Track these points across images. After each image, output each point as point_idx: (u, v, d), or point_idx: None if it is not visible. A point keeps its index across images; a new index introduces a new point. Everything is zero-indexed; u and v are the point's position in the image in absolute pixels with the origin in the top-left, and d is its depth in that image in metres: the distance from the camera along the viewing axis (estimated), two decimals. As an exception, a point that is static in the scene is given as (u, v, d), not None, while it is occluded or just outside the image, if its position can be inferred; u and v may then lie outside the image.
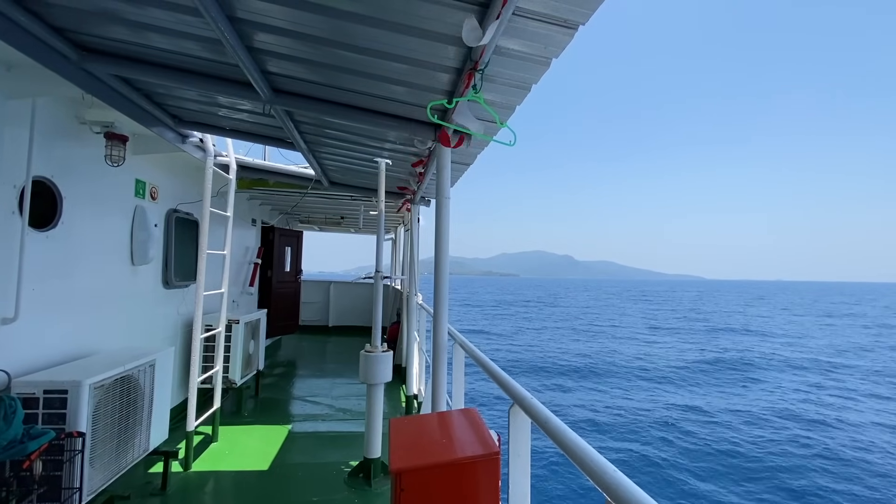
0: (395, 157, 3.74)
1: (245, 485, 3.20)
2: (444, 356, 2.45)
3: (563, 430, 1.17)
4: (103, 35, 2.15)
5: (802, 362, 21.90)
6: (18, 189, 2.39)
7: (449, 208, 2.48)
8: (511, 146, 2.26)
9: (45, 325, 2.64)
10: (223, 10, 1.79)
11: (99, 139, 3.00)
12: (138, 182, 3.60)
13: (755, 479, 9.09)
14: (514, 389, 1.58)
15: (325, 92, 2.59)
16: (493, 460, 1.57)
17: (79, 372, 2.42)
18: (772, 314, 52.65)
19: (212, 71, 2.46)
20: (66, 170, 2.78)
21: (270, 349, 7.86)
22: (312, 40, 2.00)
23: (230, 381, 4.54)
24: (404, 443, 1.72)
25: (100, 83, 2.54)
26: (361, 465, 3.37)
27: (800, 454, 10.31)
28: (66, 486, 2.19)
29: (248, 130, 3.62)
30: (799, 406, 14.17)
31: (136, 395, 2.78)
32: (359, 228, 9.57)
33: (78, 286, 2.92)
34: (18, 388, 2.25)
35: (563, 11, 1.52)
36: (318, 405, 5.11)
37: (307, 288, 9.84)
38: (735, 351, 24.59)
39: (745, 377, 18.45)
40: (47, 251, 2.65)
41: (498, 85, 2.07)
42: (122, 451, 2.63)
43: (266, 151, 5.17)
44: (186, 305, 4.48)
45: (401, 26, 1.78)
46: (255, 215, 7.05)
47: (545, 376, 18.09)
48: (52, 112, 2.65)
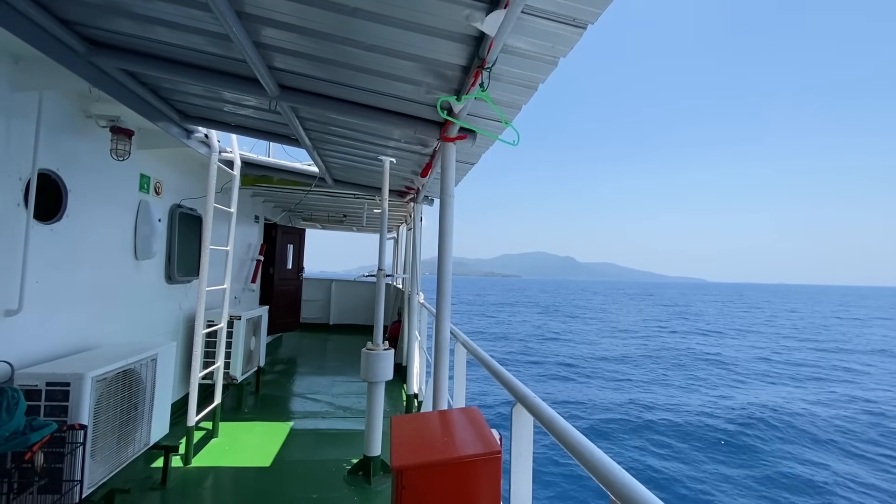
0: (399, 155, 3.74)
1: (245, 481, 3.20)
2: (446, 355, 2.44)
3: (568, 429, 1.17)
4: (111, 28, 2.16)
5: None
6: (24, 181, 2.40)
7: (453, 206, 2.48)
8: (515, 146, 2.25)
9: (49, 317, 2.64)
10: (231, 5, 1.79)
11: (104, 133, 3.00)
12: (143, 177, 3.60)
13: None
14: (517, 388, 1.58)
15: (331, 89, 2.59)
16: (495, 459, 1.57)
17: (81, 365, 2.43)
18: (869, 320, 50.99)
19: (218, 66, 2.46)
20: (71, 163, 2.78)
21: (271, 346, 7.86)
22: (320, 36, 1.99)
23: (231, 377, 4.54)
24: (406, 440, 1.72)
25: (106, 77, 2.55)
26: (361, 463, 3.37)
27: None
28: (66, 478, 2.19)
29: (253, 127, 3.63)
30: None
31: (138, 389, 2.79)
32: (361, 227, 9.57)
33: (81, 279, 2.92)
34: (21, 380, 2.25)
35: (572, 10, 1.51)
36: (318, 403, 5.11)
37: (308, 285, 9.84)
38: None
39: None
40: (52, 244, 2.65)
41: (505, 83, 2.07)
42: (122, 445, 2.64)
43: (270, 148, 5.18)
44: (189, 301, 4.49)
45: (408, 23, 1.77)
46: (259, 212, 7.06)
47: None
48: (58, 105, 2.66)
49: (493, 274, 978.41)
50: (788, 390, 16.48)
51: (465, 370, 2.66)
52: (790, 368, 20.92)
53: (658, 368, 19.97)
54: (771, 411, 13.29)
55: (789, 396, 15.40)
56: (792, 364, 22.03)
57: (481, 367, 2.10)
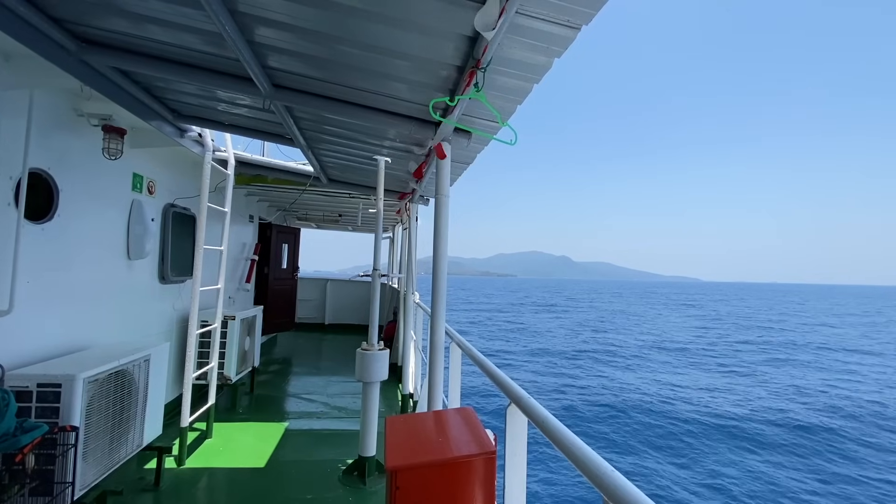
0: (394, 154, 3.73)
1: (239, 482, 3.19)
2: (441, 355, 2.44)
3: (561, 430, 1.17)
4: (103, 27, 2.14)
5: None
6: (14, 181, 2.37)
7: (448, 207, 2.47)
8: (512, 145, 2.25)
9: (40, 318, 2.62)
10: (224, 4, 1.78)
11: (97, 132, 2.97)
12: (136, 176, 3.57)
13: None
14: (511, 389, 1.58)
15: (325, 88, 2.58)
16: (489, 459, 1.57)
17: (73, 366, 2.41)
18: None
19: (212, 65, 2.45)
20: (63, 162, 2.76)
21: (266, 346, 7.83)
22: (314, 35, 1.99)
23: (225, 377, 4.52)
24: (400, 441, 1.71)
25: (98, 75, 2.52)
26: (356, 464, 3.36)
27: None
28: (58, 480, 2.17)
29: (247, 126, 3.60)
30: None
31: (131, 390, 2.76)
32: (356, 226, 9.55)
33: (73, 279, 2.90)
34: (12, 381, 2.23)
35: (566, 11, 1.51)
36: (313, 403, 5.10)
37: (304, 285, 9.81)
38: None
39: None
40: (43, 244, 2.63)
41: (500, 83, 2.07)
42: (115, 446, 2.61)
43: (265, 147, 5.16)
44: (182, 301, 4.46)
45: (402, 22, 1.77)
46: (253, 211, 7.03)
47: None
48: (49, 103, 2.63)
49: (488, 273, 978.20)
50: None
51: (460, 370, 2.66)
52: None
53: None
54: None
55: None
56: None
57: (474, 366, 2.11)
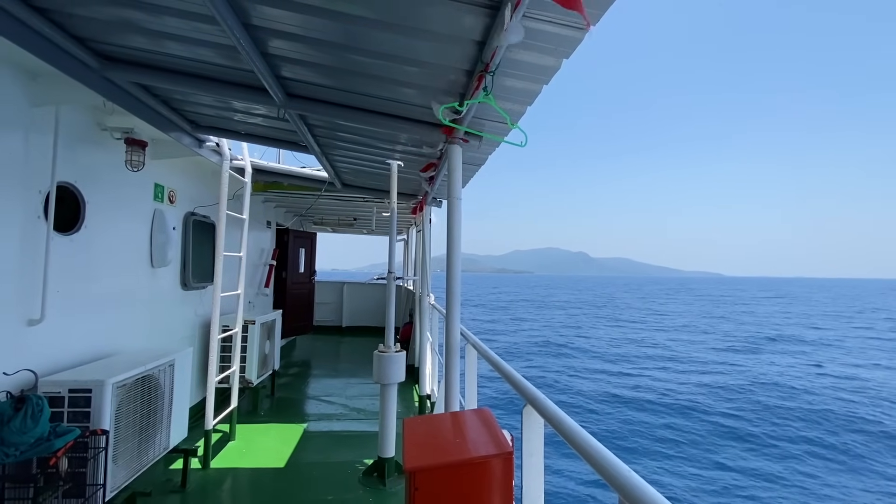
0: (406, 158, 3.76)
1: (261, 483, 3.26)
2: (457, 356, 2.45)
3: (577, 431, 1.17)
4: (123, 44, 2.22)
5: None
6: (44, 194, 2.47)
7: (460, 209, 2.49)
8: (522, 147, 2.26)
9: (70, 326, 2.72)
10: (238, 18, 1.83)
11: (119, 145, 3.07)
12: (157, 186, 3.68)
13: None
14: (527, 390, 1.58)
15: (337, 96, 2.62)
16: (507, 460, 1.58)
17: (102, 371, 2.49)
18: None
19: (227, 77, 2.51)
20: (88, 175, 2.86)
21: (285, 349, 7.96)
22: (325, 45, 2.02)
23: (247, 380, 4.61)
24: (418, 442, 1.73)
25: (120, 90, 2.61)
26: (375, 465, 3.40)
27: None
28: (90, 482, 2.26)
29: (263, 134, 3.68)
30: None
31: (157, 394, 2.85)
32: (371, 230, 9.63)
33: (100, 288, 3.00)
34: (45, 388, 2.32)
35: (572, 13, 1.51)
36: (332, 405, 5.16)
37: (321, 289, 9.92)
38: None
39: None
40: (71, 254, 2.72)
41: (509, 86, 2.08)
42: (143, 449, 2.70)
43: (280, 155, 5.24)
44: (204, 306, 4.57)
45: (411, 29, 1.79)
46: (270, 217, 7.15)
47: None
48: (74, 119, 2.73)
49: (504, 270, 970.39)
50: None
51: (476, 371, 2.67)
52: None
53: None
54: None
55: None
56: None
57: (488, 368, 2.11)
